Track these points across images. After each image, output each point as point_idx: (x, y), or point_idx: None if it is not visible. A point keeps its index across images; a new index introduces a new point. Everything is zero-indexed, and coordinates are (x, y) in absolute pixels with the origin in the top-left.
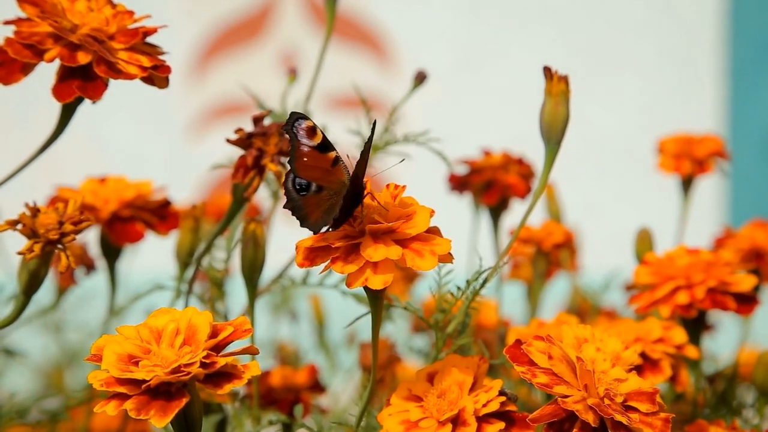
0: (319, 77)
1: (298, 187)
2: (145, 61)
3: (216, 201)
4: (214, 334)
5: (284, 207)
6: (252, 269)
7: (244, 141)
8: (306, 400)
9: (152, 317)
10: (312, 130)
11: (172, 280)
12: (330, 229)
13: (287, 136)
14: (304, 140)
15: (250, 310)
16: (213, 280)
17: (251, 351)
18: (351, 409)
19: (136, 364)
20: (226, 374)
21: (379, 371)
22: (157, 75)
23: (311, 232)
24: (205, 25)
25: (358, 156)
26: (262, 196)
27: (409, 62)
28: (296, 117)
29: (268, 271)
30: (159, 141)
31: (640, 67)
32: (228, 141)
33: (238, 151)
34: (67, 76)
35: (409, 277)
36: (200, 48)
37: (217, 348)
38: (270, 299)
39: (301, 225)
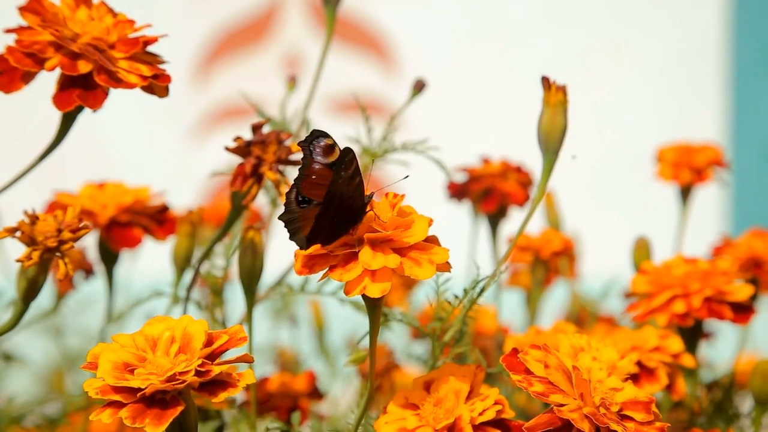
0: (321, 82)
1: (300, 199)
2: (146, 71)
3: (217, 207)
4: (209, 342)
5: (279, 218)
6: (250, 277)
7: (242, 149)
8: (304, 407)
9: (148, 325)
10: (330, 148)
11: (171, 286)
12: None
13: (302, 152)
14: (319, 158)
15: (248, 318)
16: (212, 287)
17: (246, 359)
18: (349, 415)
19: (132, 372)
20: (221, 382)
21: (378, 378)
22: (157, 84)
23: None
24: (208, 29)
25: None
26: (262, 202)
27: (411, 66)
28: (317, 135)
29: (269, 277)
30: (162, 145)
31: (640, 75)
32: (226, 149)
33: (239, 157)
34: (67, 85)
35: (408, 283)
36: (204, 51)
37: (212, 356)
38: (270, 304)
39: (291, 238)
